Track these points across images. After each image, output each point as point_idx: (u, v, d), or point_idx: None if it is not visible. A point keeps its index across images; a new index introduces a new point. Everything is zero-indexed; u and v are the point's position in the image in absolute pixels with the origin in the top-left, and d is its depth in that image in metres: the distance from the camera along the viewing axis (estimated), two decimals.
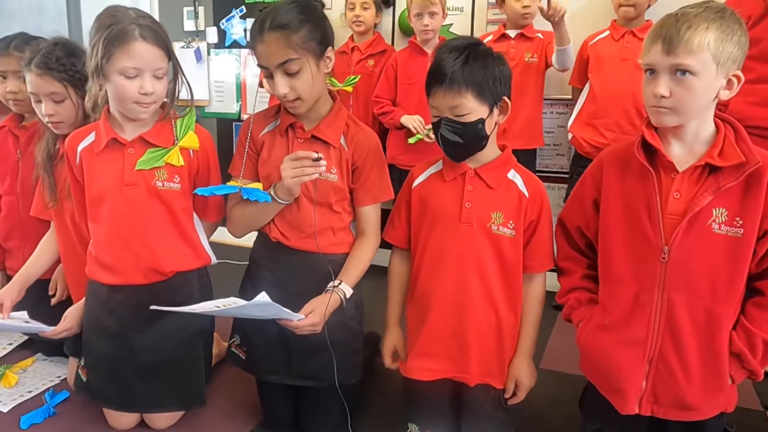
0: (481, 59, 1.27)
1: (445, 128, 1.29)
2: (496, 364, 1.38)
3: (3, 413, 1.64)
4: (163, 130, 1.44)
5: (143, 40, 1.32)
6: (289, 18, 1.31)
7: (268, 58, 1.33)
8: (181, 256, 1.49)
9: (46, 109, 1.55)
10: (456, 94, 1.25)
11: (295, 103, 1.37)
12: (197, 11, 3.33)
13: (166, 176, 1.43)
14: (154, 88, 1.35)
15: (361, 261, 1.46)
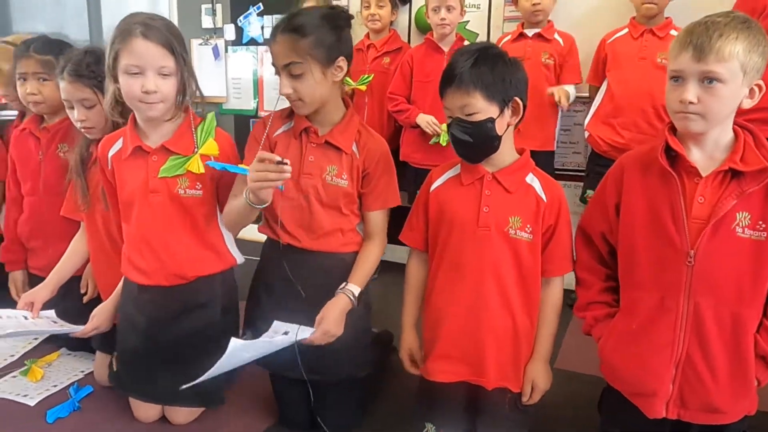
0: (491, 60, 1.29)
1: (455, 128, 1.31)
2: (512, 367, 1.39)
3: (30, 407, 1.69)
4: (183, 138, 1.47)
5: (144, 38, 1.34)
6: (302, 23, 1.35)
7: (276, 57, 1.39)
8: (203, 261, 1.52)
9: (78, 115, 1.60)
10: (464, 94, 1.27)
11: (296, 104, 1.42)
12: (215, 8, 3.36)
13: (188, 183, 1.46)
14: (158, 87, 1.36)
15: (368, 262, 1.50)
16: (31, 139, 1.91)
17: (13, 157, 1.96)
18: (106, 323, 1.64)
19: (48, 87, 1.83)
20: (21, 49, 1.85)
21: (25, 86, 1.83)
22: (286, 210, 1.47)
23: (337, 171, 1.45)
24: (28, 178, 1.93)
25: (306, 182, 1.45)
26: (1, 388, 1.78)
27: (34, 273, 1.99)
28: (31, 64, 1.81)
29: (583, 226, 1.37)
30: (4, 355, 1.98)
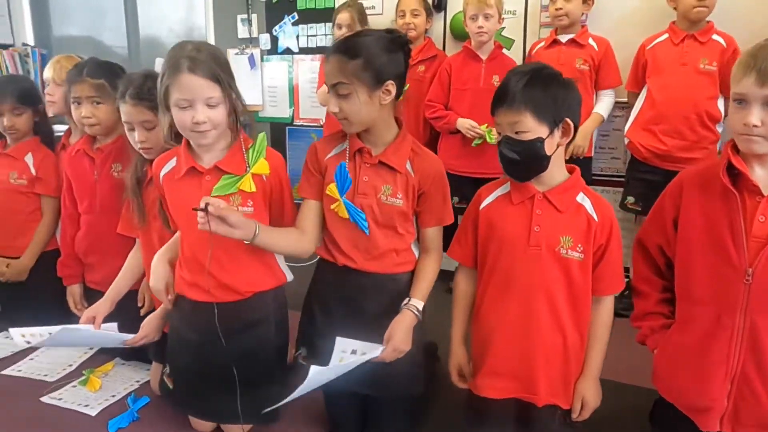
0: (544, 81, 1.31)
1: (504, 146, 1.34)
2: (562, 384, 1.41)
3: (92, 417, 1.76)
4: (235, 158, 1.50)
5: (190, 73, 1.38)
6: (352, 45, 1.39)
7: (326, 76, 1.44)
8: (256, 278, 1.55)
9: (138, 137, 1.65)
10: (515, 113, 1.30)
11: (343, 122, 1.46)
12: (251, 19, 3.41)
13: (240, 201, 1.50)
14: (208, 117, 1.41)
15: (427, 275, 1.53)
16: (86, 159, 1.98)
17: (69, 176, 2.02)
18: (154, 333, 1.70)
19: (102, 110, 1.90)
20: (74, 73, 1.92)
21: (80, 110, 1.89)
22: (342, 231, 1.50)
23: (391, 190, 1.47)
24: (85, 196, 2.00)
25: (361, 202, 1.48)
26: (64, 397, 1.86)
27: (91, 287, 2.06)
28: (85, 88, 1.87)
29: (641, 238, 1.39)
30: (62, 365, 2.07)
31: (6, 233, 2.23)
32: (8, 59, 4.26)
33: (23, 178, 2.20)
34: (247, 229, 1.39)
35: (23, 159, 2.20)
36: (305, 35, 3.31)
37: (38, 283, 2.23)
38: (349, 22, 2.92)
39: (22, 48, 4.39)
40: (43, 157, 2.22)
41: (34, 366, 2.07)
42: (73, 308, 2.09)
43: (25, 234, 2.22)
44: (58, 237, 2.26)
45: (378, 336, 1.43)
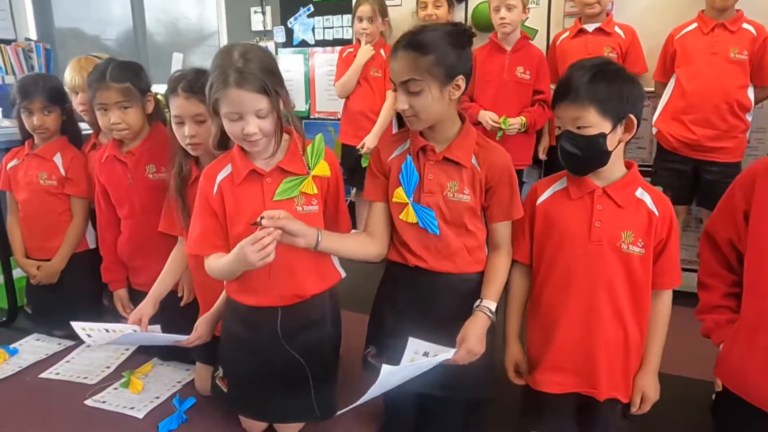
0: (609, 76, 1.30)
1: (565, 140, 1.33)
2: (622, 378, 1.42)
3: (139, 419, 1.76)
4: (295, 158, 1.49)
5: (238, 87, 1.35)
6: (424, 40, 1.36)
7: (395, 73, 1.40)
8: (318, 278, 1.55)
9: (189, 130, 1.62)
10: (579, 108, 1.30)
11: (411, 119, 1.43)
12: (264, 11, 3.37)
13: (304, 200, 1.49)
14: (259, 127, 1.39)
15: (499, 275, 1.50)
16: (118, 164, 1.94)
17: (103, 183, 1.98)
18: (207, 334, 1.69)
19: (130, 114, 1.87)
20: (96, 77, 1.84)
21: (108, 116, 1.84)
22: (411, 232, 1.49)
23: (458, 186, 1.45)
24: (124, 202, 1.96)
25: (427, 201, 1.46)
26: (108, 401, 1.85)
27: (139, 289, 2.02)
28: (111, 94, 1.82)
29: (709, 231, 1.38)
30: (101, 367, 2.06)
31: (37, 235, 2.21)
32: (12, 55, 4.18)
33: (53, 179, 2.16)
34: (309, 237, 1.39)
35: (52, 159, 2.17)
36: (321, 27, 3.28)
37: (69, 284, 2.21)
38: (370, 14, 2.90)
39: (25, 43, 4.30)
40: (72, 157, 2.18)
41: (71, 368, 2.06)
42: (121, 312, 2.07)
43: (56, 236, 2.19)
44: (88, 238, 2.24)
45: (449, 337, 1.43)
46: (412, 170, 1.48)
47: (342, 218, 1.60)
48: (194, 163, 1.74)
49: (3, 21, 4.29)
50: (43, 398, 1.88)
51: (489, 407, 1.74)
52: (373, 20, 2.91)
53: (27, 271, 2.21)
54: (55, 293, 2.21)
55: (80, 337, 1.62)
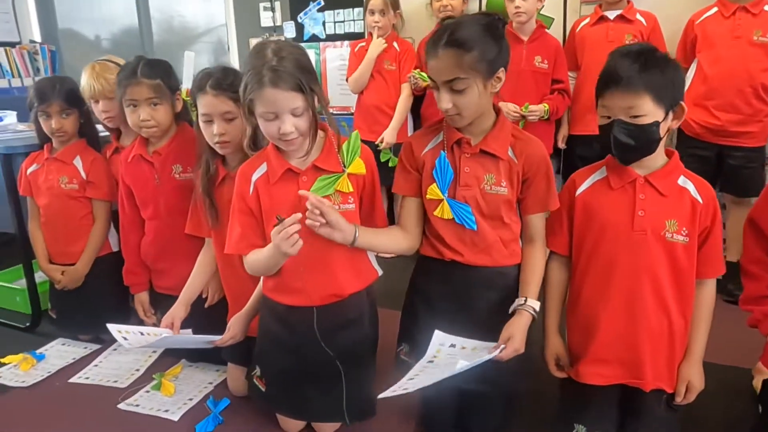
0: (660, 63, 1.28)
1: (618, 130, 1.30)
2: (667, 368, 1.40)
3: (175, 422, 1.74)
4: (331, 156, 1.48)
5: (273, 87, 1.33)
6: (466, 36, 1.33)
7: (437, 73, 1.37)
8: (357, 277, 1.53)
9: (217, 129, 1.60)
10: (633, 96, 1.27)
11: (454, 118, 1.41)
12: (273, 6, 3.34)
13: (341, 199, 1.47)
14: (295, 126, 1.37)
15: (536, 270, 1.48)
16: (144, 164, 1.92)
17: (128, 184, 1.97)
18: (241, 333, 1.68)
19: (159, 111, 1.85)
20: (127, 74, 1.82)
21: (137, 113, 1.82)
22: (447, 226, 1.47)
23: (495, 179, 1.44)
24: (149, 202, 1.94)
25: (464, 194, 1.45)
26: (141, 404, 1.84)
27: (163, 292, 2.02)
28: (143, 90, 1.81)
29: (754, 218, 1.37)
30: (130, 370, 2.04)
31: (59, 240, 2.18)
32: (18, 57, 4.16)
33: (74, 183, 2.14)
34: (347, 232, 1.38)
35: (72, 163, 2.14)
36: (332, 21, 3.25)
37: (93, 288, 2.19)
38: (381, 7, 2.88)
39: (30, 45, 4.28)
40: (92, 160, 2.16)
41: (100, 372, 2.04)
42: (142, 316, 2.06)
43: (79, 240, 2.17)
44: (111, 241, 2.22)
45: (484, 331, 1.42)
46: (446, 165, 1.46)
47: (378, 215, 1.59)
48: (221, 163, 1.72)
49: (7, 24, 4.27)
50: (75, 403, 1.87)
51: (526, 400, 1.74)
52: (384, 13, 2.88)
53: (52, 276, 2.19)
54: (79, 297, 2.19)
55: (117, 339, 1.62)
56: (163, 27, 4.19)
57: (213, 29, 3.97)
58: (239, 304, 1.72)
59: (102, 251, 2.20)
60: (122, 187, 2.00)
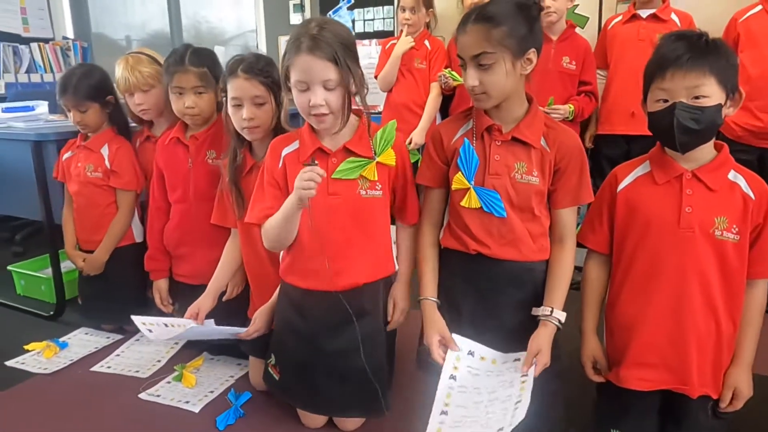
0: (720, 46, 1.24)
1: (681, 113, 1.23)
2: (713, 373, 1.33)
3: (195, 414, 1.71)
4: (363, 140, 1.45)
5: (309, 53, 1.33)
6: (495, 11, 1.30)
7: (465, 48, 1.34)
8: (374, 265, 1.50)
9: (246, 113, 1.58)
10: (699, 75, 1.21)
11: (480, 97, 1.36)
12: (303, 4, 3.34)
13: (369, 184, 1.45)
14: (325, 100, 1.35)
15: (564, 275, 1.42)
16: (180, 147, 1.92)
17: (161, 166, 1.96)
18: (265, 326, 1.65)
19: (204, 99, 1.85)
20: (174, 61, 1.83)
21: (183, 100, 1.83)
22: (473, 215, 1.42)
23: (526, 168, 1.38)
24: (179, 184, 1.93)
25: (493, 183, 1.39)
26: (162, 394, 1.81)
27: (180, 280, 2.00)
28: (190, 78, 1.81)
29: None
30: (151, 361, 2.02)
31: (85, 227, 2.18)
32: (51, 53, 4.22)
33: (98, 171, 2.13)
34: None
35: (99, 151, 2.14)
36: (362, 19, 3.23)
37: (115, 278, 2.18)
38: (412, 4, 2.85)
39: (63, 41, 4.35)
40: (117, 149, 2.15)
41: (122, 362, 2.03)
42: (159, 304, 2.04)
43: (103, 228, 2.15)
44: (135, 231, 2.21)
45: (508, 332, 1.39)
46: (471, 153, 1.41)
47: (409, 209, 1.55)
48: (248, 152, 1.70)
49: (41, 20, 4.35)
50: (96, 392, 1.85)
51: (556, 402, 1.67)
52: (415, 10, 2.85)
53: (74, 262, 2.19)
54: (102, 286, 2.18)
55: (141, 331, 1.59)
56: (191, 33, 4.23)
57: (240, 34, 4.00)
58: (263, 296, 1.69)
59: (124, 241, 2.18)
60: (155, 171, 1.99)
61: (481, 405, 1.29)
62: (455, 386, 1.35)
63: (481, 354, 1.41)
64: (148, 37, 4.45)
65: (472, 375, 1.36)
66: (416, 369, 1.52)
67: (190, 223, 1.92)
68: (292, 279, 1.53)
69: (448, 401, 1.33)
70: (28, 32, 4.19)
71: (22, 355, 2.07)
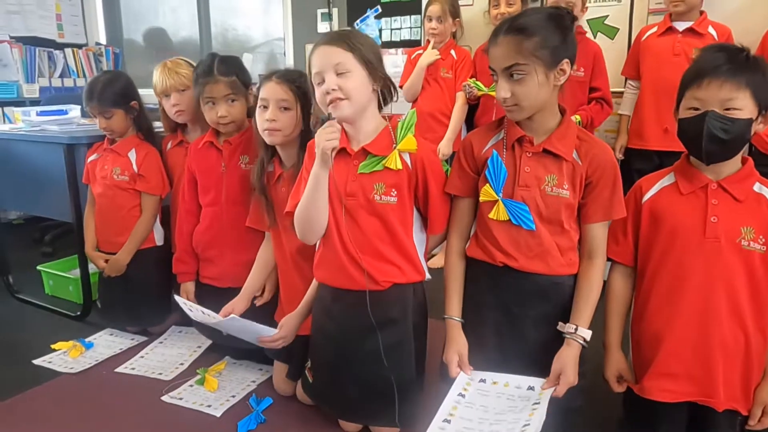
0: (760, 62, 1.23)
1: (712, 121, 1.22)
2: (742, 387, 1.30)
3: (217, 418, 1.72)
4: (384, 141, 1.46)
5: (325, 44, 1.39)
6: (527, 23, 1.30)
7: (497, 60, 1.33)
8: (395, 268, 1.49)
9: (270, 114, 1.61)
10: (734, 87, 1.20)
11: (512, 108, 1.35)
12: (331, 13, 3.36)
13: (384, 189, 1.45)
14: (339, 85, 1.36)
15: (592, 293, 1.39)
16: (213, 150, 1.94)
17: (193, 170, 1.99)
18: (291, 335, 1.66)
19: (236, 107, 1.88)
20: (203, 72, 1.85)
21: (215, 110, 1.85)
22: (501, 227, 1.41)
23: (557, 180, 1.37)
24: (211, 188, 1.95)
25: (522, 195, 1.38)
26: (185, 397, 1.83)
27: (206, 282, 2.02)
28: (220, 88, 1.83)
29: None
30: (174, 363, 2.04)
31: (109, 229, 2.22)
32: (83, 58, 4.32)
33: (125, 175, 2.17)
34: None
35: (127, 155, 2.18)
36: (389, 28, 3.25)
37: (137, 281, 2.21)
38: (439, 14, 2.85)
39: (96, 47, 4.45)
40: (146, 153, 2.19)
41: (146, 364, 2.05)
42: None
43: (126, 230, 2.19)
44: (156, 235, 2.24)
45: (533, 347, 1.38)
46: (500, 165, 1.40)
47: (433, 219, 1.52)
48: (278, 162, 1.72)
49: (75, 26, 4.45)
50: (120, 393, 1.87)
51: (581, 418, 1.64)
52: (442, 20, 2.86)
53: (95, 263, 2.23)
54: (122, 288, 2.21)
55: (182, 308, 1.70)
56: (219, 40, 4.30)
57: (267, 42, 4.05)
58: (291, 302, 1.71)
59: (146, 244, 2.22)
60: (186, 174, 2.01)
61: (485, 422, 1.28)
62: (462, 402, 1.35)
63: (494, 379, 1.40)
64: (178, 44, 4.53)
65: (481, 395, 1.37)
66: (439, 381, 1.51)
67: (221, 227, 1.94)
68: (320, 276, 1.54)
69: (453, 412, 1.32)
70: (63, 38, 4.30)
71: (49, 354, 2.11)
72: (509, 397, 1.34)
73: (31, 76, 3.93)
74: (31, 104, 3.60)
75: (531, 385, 1.36)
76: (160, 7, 4.56)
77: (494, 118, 2.73)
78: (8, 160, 2.51)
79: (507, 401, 1.34)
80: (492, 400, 1.34)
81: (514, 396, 1.34)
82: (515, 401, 1.32)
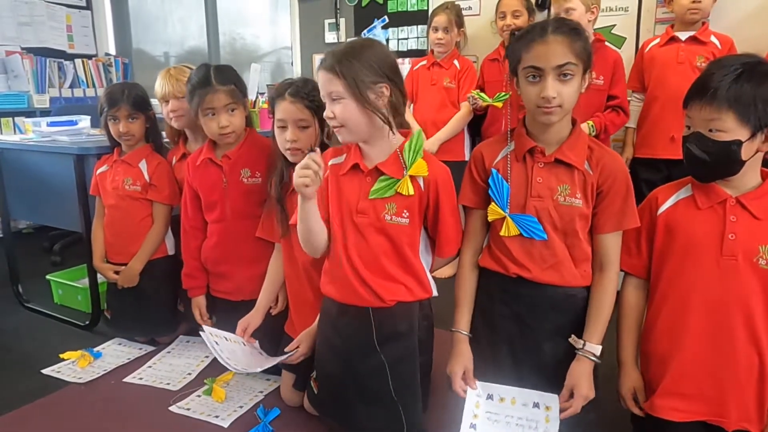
0: (757, 78, 1.18)
1: (693, 143, 1.23)
2: (756, 408, 1.28)
3: (224, 428, 1.72)
4: (397, 161, 1.44)
5: (320, 70, 1.38)
6: (573, 26, 1.31)
7: (546, 58, 1.28)
8: (402, 287, 1.47)
9: (290, 135, 1.62)
10: (715, 110, 1.19)
11: (554, 110, 1.31)
12: (338, 23, 3.38)
13: (396, 210, 1.43)
14: (333, 111, 1.36)
15: (604, 307, 1.38)
16: (213, 167, 1.94)
17: (195, 187, 1.99)
18: (309, 349, 1.66)
19: (237, 116, 1.87)
20: (200, 83, 1.83)
21: (216, 120, 1.84)
22: (514, 238, 1.40)
23: (569, 190, 1.36)
24: (216, 204, 1.95)
25: (535, 206, 1.37)
26: (192, 408, 1.82)
27: (218, 296, 2.02)
28: (221, 98, 1.82)
29: None
30: (182, 373, 2.04)
31: (120, 239, 2.22)
32: (93, 68, 4.36)
33: (137, 185, 2.18)
34: None
35: (138, 165, 2.19)
36: (395, 38, 3.26)
37: (148, 290, 2.21)
38: (445, 24, 2.87)
39: (105, 58, 4.49)
40: (157, 164, 2.20)
41: (153, 374, 2.05)
42: (198, 319, 2.06)
43: (138, 240, 2.20)
44: (168, 244, 2.25)
45: (546, 360, 1.37)
46: (501, 182, 1.40)
47: (443, 241, 1.49)
48: (292, 170, 1.72)
49: (86, 37, 4.50)
50: (128, 402, 1.87)
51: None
52: (448, 30, 2.87)
53: (104, 274, 2.23)
54: (133, 299, 2.22)
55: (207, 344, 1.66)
56: (226, 49, 4.34)
57: (274, 51, 4.08)
58: (300, 314, 1.72)
59: (158, 254, 2.22)
60: (187, 191, 2.01)
61: None
62: None
63: (500, 395, 1.40)
64: (186, 54, 4.57)
65: (491, 422, 1.37)
66: (448, 389, 1.50)
67: (230, 242, 1.94)
68: (327, 289, 1.53)
69: None
70: (73, 48, 4.34)
71: (58, 364, 2.11)
72: (518, 420, 1.35)
73: (42, 86, 3.97)
74: (41, 115, 3.64)
75: (536, 401, 1.36)
76: (169, 18, 4.60)
77: (503, 128, 2.76)
78: (19, 170, 2.53)
79: (516, 427, 1.35)
80: (502, 428, 1.36)
81: (522, 414, 1.35)
82: (524, 424, 1.34)
